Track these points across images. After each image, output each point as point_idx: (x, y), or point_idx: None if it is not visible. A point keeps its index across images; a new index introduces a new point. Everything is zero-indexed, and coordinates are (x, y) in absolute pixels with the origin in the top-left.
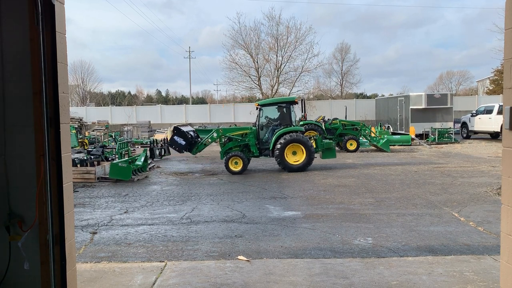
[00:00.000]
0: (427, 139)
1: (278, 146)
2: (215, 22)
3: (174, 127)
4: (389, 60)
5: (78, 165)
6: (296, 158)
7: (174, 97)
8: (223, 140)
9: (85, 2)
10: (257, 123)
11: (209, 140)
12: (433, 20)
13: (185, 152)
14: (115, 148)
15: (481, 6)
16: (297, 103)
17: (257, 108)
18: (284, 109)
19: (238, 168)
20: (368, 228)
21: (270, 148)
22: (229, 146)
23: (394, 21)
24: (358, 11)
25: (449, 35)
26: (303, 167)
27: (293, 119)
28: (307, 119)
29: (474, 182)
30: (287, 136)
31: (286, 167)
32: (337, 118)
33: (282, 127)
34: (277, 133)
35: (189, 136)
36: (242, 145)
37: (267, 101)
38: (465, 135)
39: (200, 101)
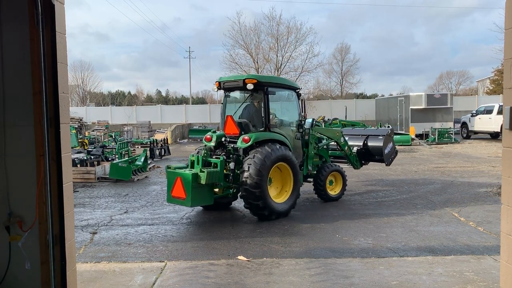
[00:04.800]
0: (427, 139)
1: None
2: (216, 21)
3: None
4: (389, 60)
5: (78, 165)
6: None
7: (174, 97)
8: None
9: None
10: None
11: None
12: (433, 19)
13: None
14: (115, 148)
15: (483, 6)
16: None
17: None
18: None
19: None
20: (368, 228)
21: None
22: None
23: (393, 20)
24: (361, 8)
25: (451, 34)
26: None
27: None
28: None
29: (474, 182)
30: None
31: None
32: (337, 118)
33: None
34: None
35: None
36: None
37: None
38: (465, 135)
39: (200, 101)
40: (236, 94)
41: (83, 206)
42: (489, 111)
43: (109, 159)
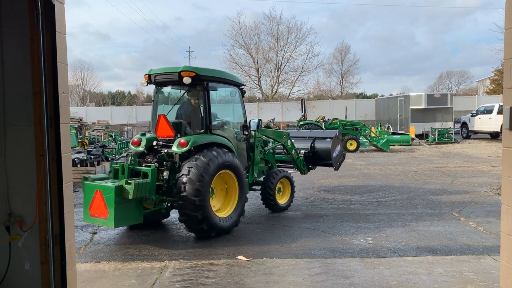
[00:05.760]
0: (427, 139)
1: None
2: (217, 21)
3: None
4: (390, 60)
5: (78, 165)
6: None
7: None
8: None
9: None
10: None
11: None
12: (435, 19)
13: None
14: (115, 148)
15: (486, 5)
16: None
17: None
18: None
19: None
20: (368, 228)
21: None
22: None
23: (395, 20)
24: (363, 8)
25: (452, 34)
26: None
27: None
28: (307, 119)
29: (474, 182)
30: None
31: None
32: (337, 118)
33: None
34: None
35: None
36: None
37: None
38: (465, 135)
39: None
40: (170, 89)
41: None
42: (489, 111)
43: (109, 159)
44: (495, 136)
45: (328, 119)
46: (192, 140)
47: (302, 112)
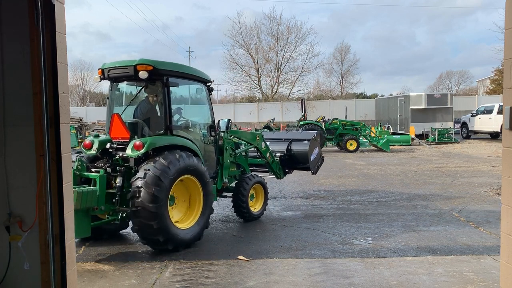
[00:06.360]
0: (427, 139)
1: None
2: (218, 21)
3: None
4: (390, 60)
5: None
6: None
7: None
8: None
9: None
10: None
11: None
12: (435, 19)
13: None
14: None
15: (486, 5)
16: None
17: None
18: None
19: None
20: (368, 228)
21: None
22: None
23: (395, 20)
24: (363, 7)
25: (453, 34)
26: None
27: None
28: (307, 119)
29: (474, 182)
30: None
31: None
32: (337, 118)
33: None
34: None
35: None
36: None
37: None
38: (465, 135)
39: None
40: (126, 85)
41: None
42: (489, 111)
43: None
44: (495, 136)
45: (328, 119)
46: (149, 142)
47: (302, 112)
